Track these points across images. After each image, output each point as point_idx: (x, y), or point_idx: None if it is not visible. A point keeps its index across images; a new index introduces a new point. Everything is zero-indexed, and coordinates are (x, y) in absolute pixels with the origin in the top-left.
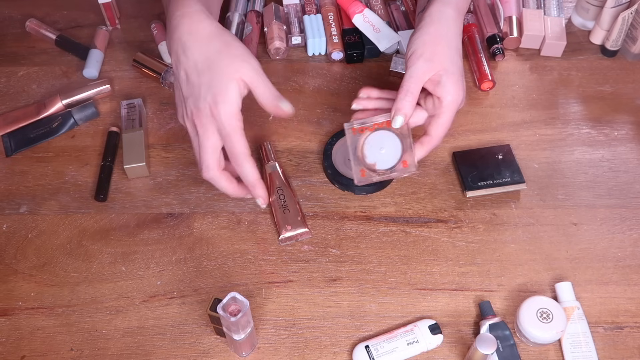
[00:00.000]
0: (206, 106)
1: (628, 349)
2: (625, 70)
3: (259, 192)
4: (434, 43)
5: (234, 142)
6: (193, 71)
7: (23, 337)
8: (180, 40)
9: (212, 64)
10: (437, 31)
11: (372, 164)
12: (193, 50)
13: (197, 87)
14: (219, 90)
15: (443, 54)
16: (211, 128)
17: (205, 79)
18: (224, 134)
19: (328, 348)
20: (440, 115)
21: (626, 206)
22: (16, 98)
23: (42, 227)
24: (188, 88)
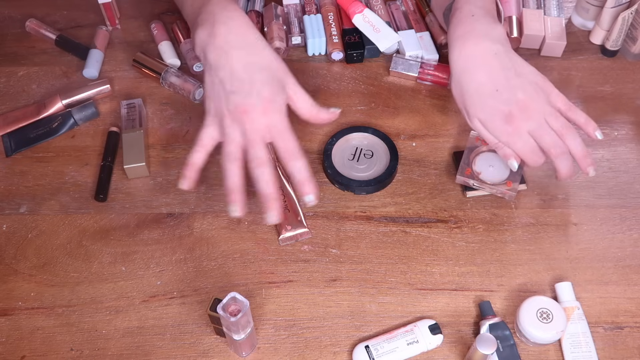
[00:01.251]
0: (259, 102)
1: (628, 349)
2: (625, 70)
3: (308, 188)
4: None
5: (289, 139)
6: (244, 69)
7: (23, 337)
8: (228, 38)
9: (266, 66)
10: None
11: (478, 172)
12: (245, 50)
13: (247, 84)
14: (273, 90)
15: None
16: (261, 123)
17: (259, 76)
18: (277, 130)
19: (328, 348)
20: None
21: (626, 206)
22: (16, 98)
23: (42, 227)
24: (235, 83)
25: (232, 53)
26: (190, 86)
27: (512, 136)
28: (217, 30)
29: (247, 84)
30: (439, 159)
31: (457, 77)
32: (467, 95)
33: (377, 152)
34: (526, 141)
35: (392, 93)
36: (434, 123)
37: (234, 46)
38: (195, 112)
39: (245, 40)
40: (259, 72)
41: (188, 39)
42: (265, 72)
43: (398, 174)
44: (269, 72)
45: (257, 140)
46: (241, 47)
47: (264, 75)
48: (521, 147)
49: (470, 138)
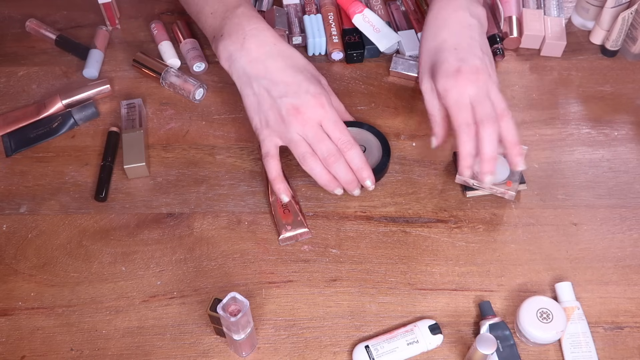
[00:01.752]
0: (310, 99)
1: (628, 349)
2: (625, 70)
3: (365, 174)
4: (433, 49)
5: (343, 130)
6: (286, 73)
7: (23, 337)
8: (263, 49)
9: (303, 68)
10: (434, 34)
11: (477, 172)
12: (283, 57)
13: (294, 84)
14: (318, 86)
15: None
16: (315, 119)
17: (301, 77)
18: (331, 122)
19: (328, 348)
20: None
21: (626, 206)
22: (16, 98)
23: (42, 227)
24: (281, 87)
25: (269, 62)
26: (190, 86)
27: (452, 91)
28: (249, 44)
29: (293, 86)
30: (439, 159)
31: (425, 35)
32: (426, 51)
33: (369, 148)
34: (464, 105)
35: (392, 93)
36: None
37: (270, 56)
38: (196, 112)
39: (277, 50)
40: (300, 73)
41: (188, 39)
42: (305, 72)
43: (397, 174)
44: (308, 72)
45: (320, 135)
46: (276, 56)
47: (305, 75)
48: (455, 105)
49: None
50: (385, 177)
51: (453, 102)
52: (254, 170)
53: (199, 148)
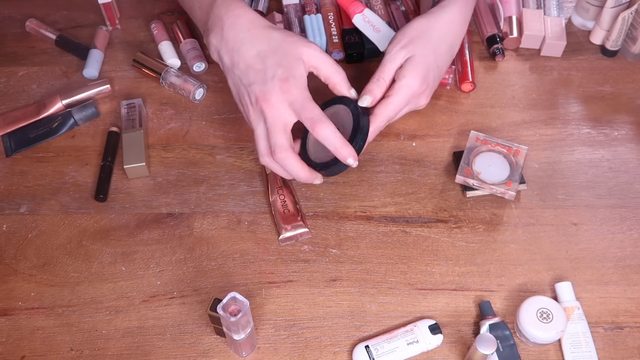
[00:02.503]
0: (275, 84)
1: (628, 349)
2: (625, 70)
3: (346, 152)
4: (415, 35)
5: (312, 108)
6: (256, 59)
7: (23, 337)
8: (238, 37)
9: (276, 48)
10: (423, 24)
11: (478, 171)
12: (254, 42)
13: (262, 71)
14: (287, 67)
15: (416, 44)
16: (282, 106)
17: (271, 61)
18: (299, 104)
19: (328, 348)
20: (388, 96)
21: (626, 206)
22: (16, 98)
23: (42, 227)
24: (251, 75)
25: (243, 50)
26: (190, 86)
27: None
28: (227, 33)
29: (261, 72)
30: (439, 158)
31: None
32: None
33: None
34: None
35: None
36: (434, 123)
37: (243, 43)
38: (196, 112)
39: (253, 34)
40: (271, 56)
41: (188, 39)
42: (277, 54)
43: (397, 174)
44: (282, 52)
45: (277, 127)
46: (250, 40)
47: (277, 57)
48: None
49: (470, 138)
50: (385, 177)
51: (401, 97)
52: (254, 170)
53: (199, 148)
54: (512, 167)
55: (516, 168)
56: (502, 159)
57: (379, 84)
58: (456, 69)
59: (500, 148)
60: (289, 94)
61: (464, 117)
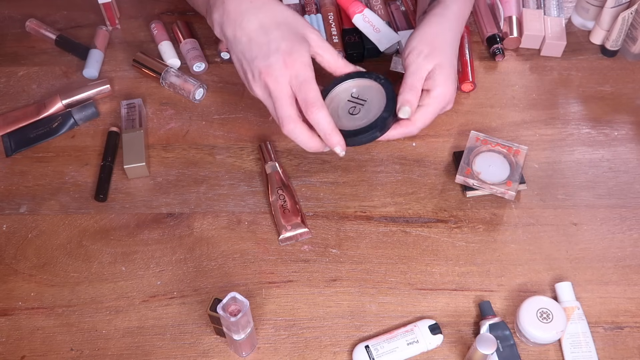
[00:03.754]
0: (279, 58)
1: (628, 349)
2: (625, 70)
3: (335, 139)
4: (432, 41)
5: (309, 90)
6: (259, 32)
7: (23, 337)
8: (239, 9)
9: (280, 22)
10: (436, 30)
11: (478, 171)
12: (257, 14)
13: (265, 45)
14: (292, 42)
15: (440, 51)
16: (284, 80)
17: (275, 34)
18: (298, 82)
19: (328, 348)
20: (425, 105)
21: (626, 206)
22: (16, 98)
23: (42, 227)
24: (254, 49)
25: (245, 23)
26: (190, 86)
27: (441, 99)
28: (228, 6)
29: (264, 45)
30: (439, 158)
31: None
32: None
33: (370, 102)
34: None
35: None
36: (434, 123)
37: (245, 16)
38: (196, 112)
39: (256, 5)
40: (275, 30)
41: (188, 39)
42: (282, 28)
43: (398, 174)
44: (286, 27)
45: (282, 101)
46: (253, 12)
47: (281, 31)
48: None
49: (470, 138)
50: (385, 177)
51: (438, 106)
52: (254, 170)
53: (199, 148)
54: (512, 167)
55: (516, 168)
56: (502, 159)
57: (413, 93)
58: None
59: (500, 148)
60: (292, 68)
61: (464, 117)
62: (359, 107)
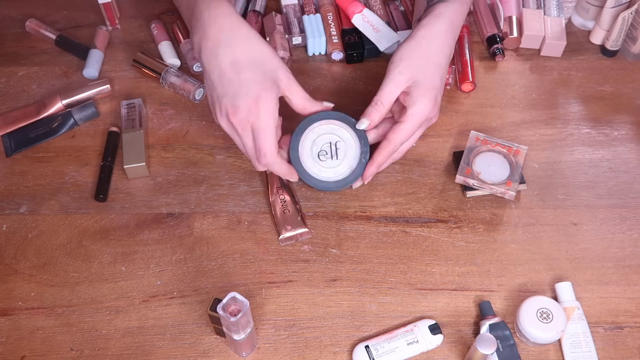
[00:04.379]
0: (246, 102)
1: (628, 349)
2: (625, 70)
3: (293, 176)
4: (414, 57)
5: (264, 140)
6: (231, 69)
7: (23, 337)
8: (219, 36)
9: (256, 60)
10: (421, 46)
11: (478, 171)
12: (235, 48)
13: (236, 85)
14: (261, 87)
15: (419, 68)
16: (247, 124)
17: (247, 76)
18: (256, 129)
19: (328, 348)
20: (401, 122)
21: (626, 206)
22: (16, 98)
23: (42, 227)
24: (225, 86)
25: (220, 54)
26: (190, 86)
27: (418, 116)
28: (208, 32)
29: (235, 85)
30: (439, 158)
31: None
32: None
33: (347, 145)
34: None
35: None
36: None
37: (224, 44)
38: (196, 112)
39: (235, 37)
40: (248, 70)
41: (188, 39)
42: (255, 70)
43: (398, 174)
44: (259, 68)
45: (247, 139)
46: (231, 45)
47: (254, 73)
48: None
49: (470, 138)
50: (385, 177)
51: (413, 123)
52: (253, 170)
53: (199, 148)
54: (512, 167)
55: (516, 168)
56: (502, 159)
57: (377, 108)
58: (456, 69)
59: (500, 148)
60: (255, 116)
61: (464, 117)
62: (331, 151)
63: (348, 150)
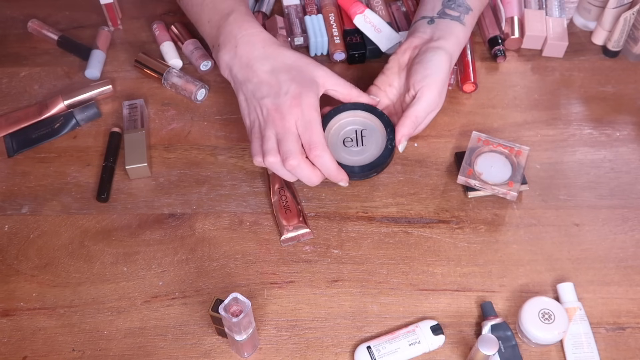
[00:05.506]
0: (287, 99)
1: (630, 349)
2: (627, 71)
3: (341, 176)
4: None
5: (313, 132)
6: (270, 75)
7: (25, 338)
8: (252, 54)
9: (291, 66)
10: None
11: (479, 172)
12: (269, 59)
13: (275, 86)
14: (301, 85)
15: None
16: (291, 118)
17: (285, 77)
18: (303, 124)
19: (330, 349)
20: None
21: (628, 207)
22: (18, 98)
23: (44, 228)
24: (264, 89)
25: (257, 66)
26: (192, 87)
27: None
28: (240, 51)
29: (275, 86)
30: (440, 159)
31: None
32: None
33: (372, 135)
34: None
35: None
36: (435, 123)
37: (258, 60)
38: (197, 113)
39: (267, 52)
40: (284, 73)
41: (190, 40)
42: (291, 71)
43: (399, 174)
44: (296, 70)
45: (288, 137)
46: (264, 58)
47: (291, 74)
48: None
49: (472, 138)
50: (387, 178)
51: (424, 103)
52: (255, 170)
53: (200, 148)
54: (513, 167)
55: (518, 169)
56: (504, 160)
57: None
58: (458, 69)
59: (502, 149)
60: (298, 110)
61: (466, 117)
62: (356, 138)
63: (374, 137)
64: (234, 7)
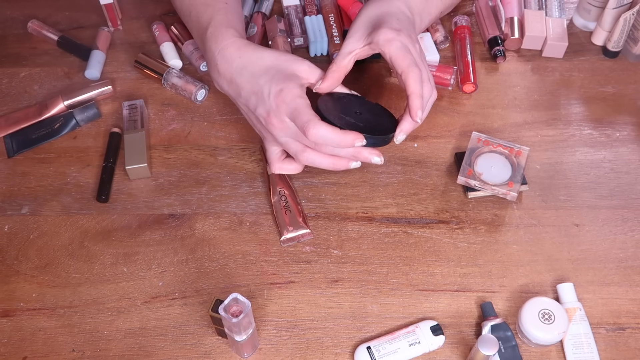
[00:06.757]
0: (271, 100)
1: (630, 350)
2: (627, 71)
3: (350, 138)
4: None
5: (302, 114)
6: (251, 82)
7: (25, 338)
8: (232, 68)
9: (269, 67)
10: None
11: (479, 172)
12: (247, 67)
13: (259, 92)
14: (280, 81)
15: None
16: (284, 118)
17: (265, 79)
18: (293, 112)
19: (330, 349)
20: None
21: (628, 207)
22: (18, 99)
23: (44, 228)
24: (252, 99)
25: (238, 79)
26: (192, 87)
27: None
28: (221, 68)
29: (258, 93)
30: (440, 159)
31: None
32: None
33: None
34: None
35: (393, 94)
36: (435, 124)
37: (237, 72)
38: (197, 113)
39: (243, 60)
40: (263, 75)
41: (189, 40)
42: (270, 71)
43: (399, 174)
44: (274, 69)
45: (289, 134)
46: (242, 68)
47: (269, 74)
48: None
49: (472, 139)
50: (387, 178)
51: (398, 47)
52: (255, 171)
53: (200, 149)
54: (513, 168)
55: (518, 169)
56: (504, 160)
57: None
58: (458, 69)
59: (502, 149)
60: (284, 105)
61: (466, 118)
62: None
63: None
64: (212, 18)
